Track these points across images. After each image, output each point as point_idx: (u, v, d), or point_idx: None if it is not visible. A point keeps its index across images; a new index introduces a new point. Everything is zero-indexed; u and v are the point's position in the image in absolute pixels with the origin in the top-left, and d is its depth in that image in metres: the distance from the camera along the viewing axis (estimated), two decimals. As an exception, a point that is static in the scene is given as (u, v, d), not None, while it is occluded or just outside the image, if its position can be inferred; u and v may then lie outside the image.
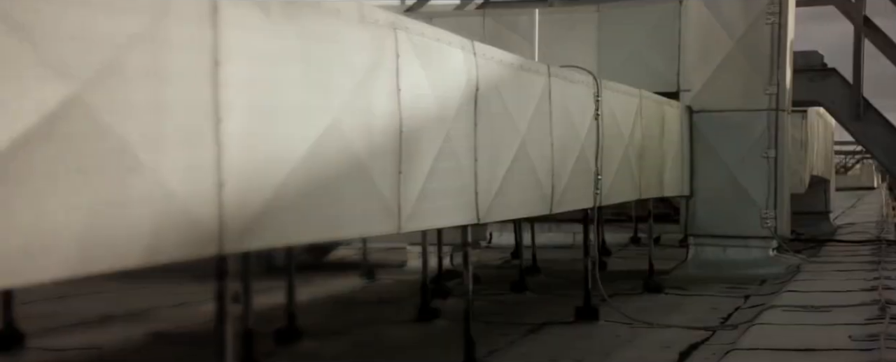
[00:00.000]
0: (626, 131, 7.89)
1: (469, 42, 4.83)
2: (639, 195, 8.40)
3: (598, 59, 10.56)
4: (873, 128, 10.71)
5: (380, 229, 3.89)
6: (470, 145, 4.82)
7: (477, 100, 4.90)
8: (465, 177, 4.76)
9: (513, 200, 5.44)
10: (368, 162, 3.68)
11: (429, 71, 4.27)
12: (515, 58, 5.56)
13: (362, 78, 3.66)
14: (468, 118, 4.80)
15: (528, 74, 5.76)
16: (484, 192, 5.00)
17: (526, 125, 5.63)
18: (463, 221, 4.82)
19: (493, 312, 8.04)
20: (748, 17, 9.99)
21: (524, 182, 5.62)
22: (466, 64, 4.76)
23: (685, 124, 10.12)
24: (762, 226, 9.95)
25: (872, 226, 16.62)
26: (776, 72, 9.93)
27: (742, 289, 8.91)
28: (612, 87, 7.67)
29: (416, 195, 4.16)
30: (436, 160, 4.36)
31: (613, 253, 13.01)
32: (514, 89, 5.51)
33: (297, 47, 3.18)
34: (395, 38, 3.95)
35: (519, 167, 5.49)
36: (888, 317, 5.61)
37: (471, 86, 4.81)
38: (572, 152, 6.55)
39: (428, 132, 4.29)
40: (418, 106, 4.18)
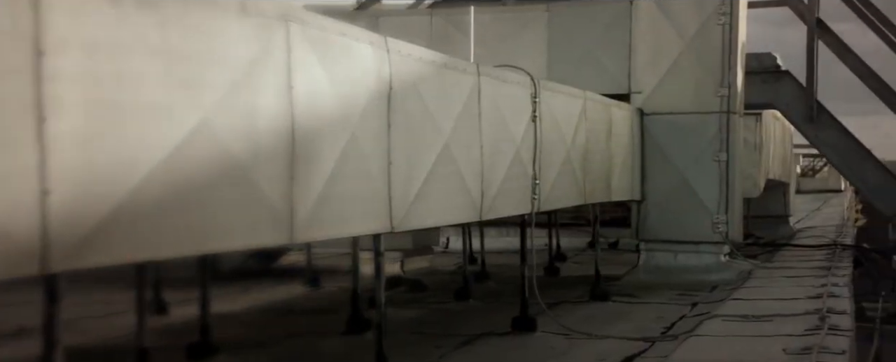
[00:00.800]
0: (568, 134, 7.63)
1: (380, 38, 4.53)
2: (584, 200, 8.14)
3: (548, 59, 10.32)
4: (827, 131, 10.56)
5: (268, 239, 3.57)
6: (382, 147, 4.52)
7: (391, 100, 4.60)
8: (376, 182, 4.45)
9: (435, 206, 5.14)
10: (251, 165, 3.36)
11: (330, 67, 3.96)
12: (438, 55, 5.26)
13: (243, 74, 3.33)
14: (380, 118, 4.49)
15: (454, 73, 5.47)
16: (400, 198, 4.69)
17: (451, 127, 5.33)
18: (375, 229, 4.51)
19: (431, 322, 7.74)
20: (699, 17, 9.79)
21: (448, 186, 5.32)
22: (377, 61, 4.45)
23: (636, 127, 9.89)
24: (714, 231, 9.75)
25: (832, 230, 16.57)
26: (727, 73, 9.74)
27: (691, 296, 8.69)
28: (553, 87, 7.41)
29: (314, 201, 3.85)
30: (339, 163, 4.05)
31: (570, 258, 12.77)
32: (437, 89, 5.21)
33: (156, 39, 2.85)
34: (286, 31, 3.64)
35: (442, 171, 5.19)
36: (826, 328, 5.39)
37: (382, 84, 4.51)
38: (506, 155, 6.27)
39: (329, 133, 3.98)
40: (316, 105, 3.86)
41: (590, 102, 8.23)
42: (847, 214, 22.09)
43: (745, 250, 12.57)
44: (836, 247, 12.01)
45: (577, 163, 7.87)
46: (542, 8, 10.34)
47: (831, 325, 5.55)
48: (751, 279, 9.07)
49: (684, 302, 8.33)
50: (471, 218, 5.75)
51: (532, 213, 6.80)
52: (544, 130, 6.97)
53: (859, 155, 10.47)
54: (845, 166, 10.41)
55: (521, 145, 6.52)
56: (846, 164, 10.40)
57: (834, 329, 5.49)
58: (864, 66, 10.40)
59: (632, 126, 9.71)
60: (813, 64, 10.63)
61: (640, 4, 10.03)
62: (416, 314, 8.16)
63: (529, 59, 10.30)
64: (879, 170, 10.38)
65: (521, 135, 6.54)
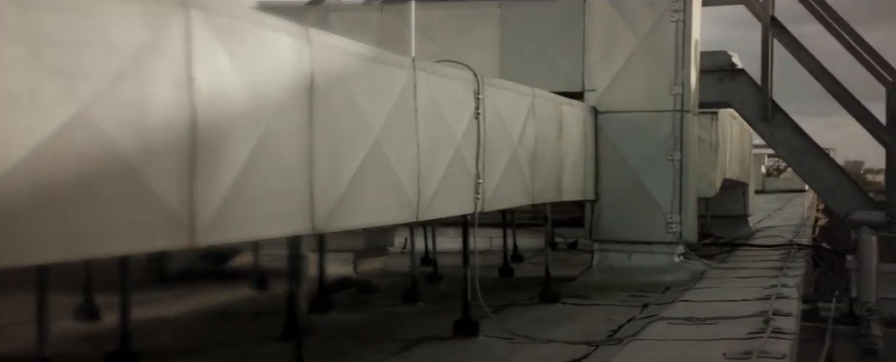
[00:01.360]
0: (515, 132, 7.43)
1: (301, 28, 4.28)
2: (532, 200, 7.96)
3: (500, 57, 10.14)
4: (781, 130, 10.50)
5: (163, 243, 3.31)
6: (303, 144, 4.27)
7: (313, 94, 4.36)
8: (295, 180, 4.21)
9: (365, 206, 4.91)
10: (140, 162, 3.10)
11: (239, 58, 3.71)
12: (369, 49, 5.03)
13: (131, 62, 3.08)
14: (299, 113, 4.25)
15: (387, 68, 5.24)
16: (324, 197, 4.45)
17: (382, 123, 5.10)
18: (294, 230, 4.27)
19: (374, 326, 7.51)
20: (653, 15, 9.67)
21: (380, 185, 5.09)
22: (297, 53, 4.21)
23: (589, 125, 9.74)
24: (667, 231, 9.62)
25: (790, 230, 16.59)
26: (681, 72, 9.62)
27: (644, 297, 8.54)
28: (498, 84, 7.21)
29: (221, 201, 3.60)
30: (250, 160, 3.80)
31: (527, 258, 12.59)
32: (368, 83, 4.98)
33: (17, 21, 2.59)
34: (185, 17, 3.38)
35: (373, 169, 4.96)
36: (769, 332, 5.25)
37: (303, 77, 4.26)
38: (445, 153, 6.05)
39: (238, 128, 3.73)
40: (223, 97, 3.61)
41: (539, 100, 8.05)
42: (807, 214, 22.22)
43: (703, 250, 12.49)
44: (791, 246, 11.96)
45: (525, 161, 7.68)
46: (495, 5, 10.15)
47: (775, 328, 5.41)
48: (703, 280, 8.95)
49: (635, 303, 8.18)
50: (407, 218, 5.53)
51: (475, 214, 6.59)
52: (488, 128, 6.77)
53: (814, 154, 10.41)
54: (800, 165, 10.34)
55: (462, 143, 6.31)
56: (800, 164, 10.34)
57: (777, 332, 5.35)
58: (819, 65, 10.34)
59: (584, 124, 9.55)
60: (768, 63, 10.56)
61: (593, 2, 9.88)
62: (361, 317, 7.92)
63: (482, 56, 10.11)
64: (834, 170, 10.33)
65: (463, 133, 6.33)
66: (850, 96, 10.14)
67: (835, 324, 9.28)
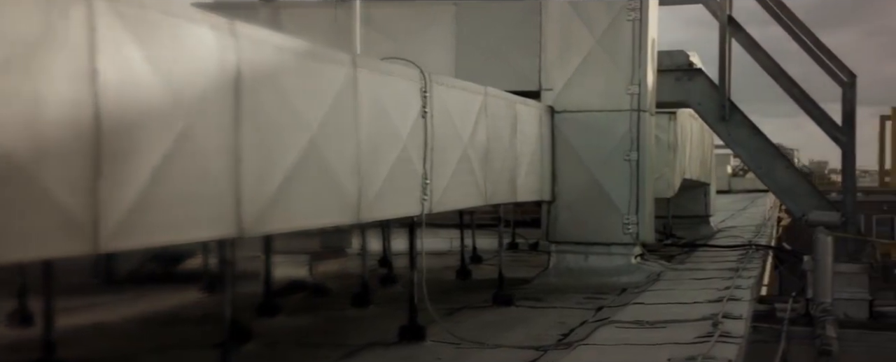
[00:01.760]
0: (466, 131, 7.27)
1: (225, 21, 4.07)
2: (484, 201, 7.79)
3: (456, 55, 9.97)
4: (739, 130, 10.45)
5: (60, 249, 3.09)
6: (227, 143, 4.06)
7: (239, 91, 4.15)
8: (218, 182, 3.99)
9: (299, 207, 4.71)
10: (31, 163, 2.88)
11: (152, 52, 3.50)
12: (303, 44, 4.83)
13: (21, 55, 2.85)
14: (223, 111, 4.04)
15: (323, 64, 5.05)
16: (252, 199, 4.25)
17: (319, 121, 4.90)
18: (217, 234, 4.06)
19: (320, 331, 7.30)
20: (609, 13, 9.56)
21: (316, 186, 4.89)
22: (221, 47, 4.00)
23: (545, 125, 9.60)
24: (624, 232, 9.52)
25: (751, 230, 16.63)
26: (638, 71, 9.52)
27: (599, 300, 8.42)
28: (448, 82, 7.04)
29: (130, 205, 3.38)
30: (166, 161, 3.59)
31: (486, 259, 12.43)
32: (302, 80, 4.78)
33: None
34: (88, 7, 3.16)
35: (308, 169, 4.76)
36: (716, 336, 5.14)
37: (227, 73, 4.05)
38: (389, 153, 5.86)
39: (151, 127, 3.51)
40: (132, 94, 3.40)
41: (491, 99, 7.89)
42: (769, 214, 22.33)
43: (663, 251, 12.44)
44: (750, 247, 11.94)
45: (477, 161, 7.51)
46: (450, 3, 9.98)
47: (723, 332, 5.30)
48: (658, 281, 8.86)
49: (590, 306, 8.05)
50: (347, 219, 5.33)
51: (422, 215, 6.41)
52: (437, 127, 6.59)
53: (771, 155, 10.38)
54: (757, 166, 10.31)
55: (408, 142, 6.13)
56: (758, 164, 10.30)
57: (725, 336, 5.24)
58: (776, 66, 10.31)
59: (540, 124, 9.41)
60: (725, 63, 10.51)
61: (549, 0, 9.75)
62: (308, 322, 7.71)
63: (437, 54, 9.97)
64: (790, 171, 10.31)
65: (409, 132, 6.14)
66: (806, 96, 10.12)
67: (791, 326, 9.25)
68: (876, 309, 9.50)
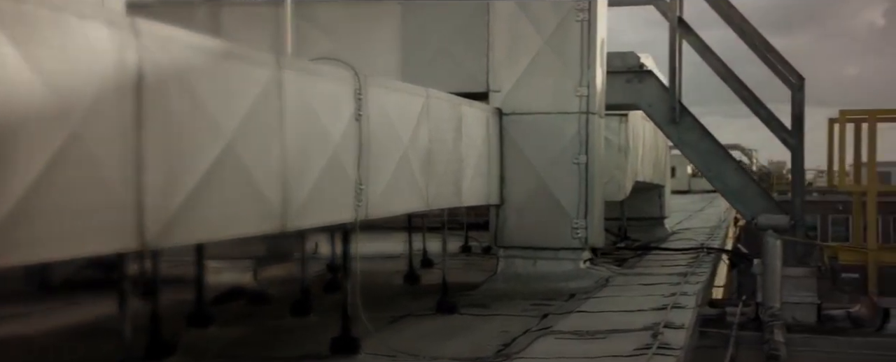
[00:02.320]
0: (405, 134, 7.03)
1: (125, 18, 3.79)
2: (426, 205, 7.57)
3: (402, 56, 9.74)
4: (689, 132, 10.35)
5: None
6: (127, 150, 3.78)
7: (142, 94, 3.87)
8: (116, 191, 3.71)
9: (212, 217, 4.43)
10: None
11: (32, 50, 3.21)
12: (219, 44, 4.56)
13: None
14: (122, 115, 3.76)
15: (243, 65, 4.77)
16: (157, 209, 3.97)
17: (237, 126, 4.63)
18: (114, 247, 3.77)
19: (253, 343, 7.01)
20: (558, 14, 9.39)
21: (233, 194, 4.62)
22: (119, 46, 3.72)
23: (493, 127, 9.40)
24: (572, 236, 9.35)
25: (706, 232, 16.62)
26: (587, 72, 9.36)
27: (546, 306, 8.24)
28: (386, 84, 6.80)
29: (4, 217, 3.09)
30: (49, 169, 3.30)
31: (437, 263, 12.19)
32: (217, 82, 4.51)
33: None
34: (-48, 1, 2.87)
35: (223, 177, 4.49)
36: (655, 347, 4.97)
37: (126, 74, 3.77)
38: (319, 158, 5.61)
39: (30, 131, 3.23)
40: (8, 97, 3.10)
41: (434, 101, 7.67)
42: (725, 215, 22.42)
43: (617, 254, 12.33)
44: (702, 250, 11.87)
45: (418, 165, 7.28)
46: (396, 3, 9.74)
47: (662, 343, 5.14)
48: (606, 287, 8.70)
49: (535, 313, 7.86)
50: (269, 228, 5.06)
51: (356, 221, 6.16)
52: (374, 130, 6.35)
53: (720, 157, 10.30)
54: (707, 168, 10.21)
55: (340, 147, 5.87)
56: (707, 167, 10.21)
57: (664, 347, 5.08)
58: (726, 67, 10.23)
59: (487, 126, 9.21)
60: (675, 65, 10.41)
61: (497, 1, 9.55)
62: (241, 332, 7.41)
63: (383, 55, 9.74)
64: (740, 173, 10.23)
65: (341, 136, 5.89)
66: (755, 98, 10.06)
67: (740, 330, 9.17)
68: (824, 312, 9.45)
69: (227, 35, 9.42)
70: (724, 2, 10.08)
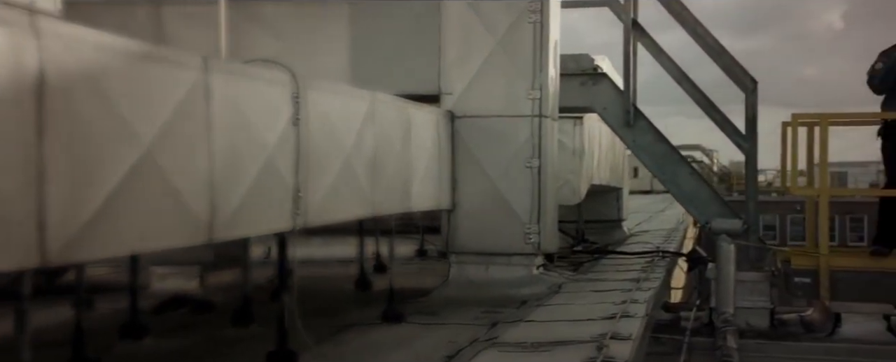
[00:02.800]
0: (348, 139, 6.80)
1: (23, 16, 3.51)
2: (372, 211, 7.34)
3: (351, 58, 9.50)
4: (643, 136, 10.24)
5: None
6: (24, 160, 3.51)
7: (44, 98, 3.60)
8: (11, 203, 3.44)
9: (127, 230, 4.17)
10: None
11: None
12: (137, 45, 4.29)
13: None
14: (21, 122, 3.49)
15: (164, 67, 4.51)
16: (61, 223, 3.70)
17: (156, 132, 4.37)
18: (11, 264, 3.49)
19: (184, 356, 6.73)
20: (510, 15, 9.22)
21: (152, 205, 4.36)
22: (15, 47, 3.45)
23: (444, 130, 9.20)
24: (525, 242, 9.19)
25: (663, 234, 16.59)
26: (539, 75, 9.20)
27: (497, 314, 8.05)
28: (327, 87, 6.56)
29: None
30: (-69, 182, 3.02)
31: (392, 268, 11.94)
32: (134, 86, 4.25)
33: None
34: None
35: (140, 187, 4.23)
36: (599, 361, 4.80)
37: (25, 77, 3.50)
38: (252, 165, 5.36)
39: None
40: None
41: (380, 104, 7.44)
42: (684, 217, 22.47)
43: (573, 258, 12.20)
44: (657, 254, 11.79)
45: (363, 170, 7.05)
46: (344, 3, 9.49)
47: (606, 357, 4.97)
48: (557, 294, 8.54)
49: (484, 322, 7.67)
50: (194, 240, 4.80)
51: (294, 230, 5.92)
52: (314, 135, 6.11)
53: (674, 161, 10.21)
54: (661, 172, 10.11)
55: (276, 153, 5.63)
56: (661, 170, 10.10)
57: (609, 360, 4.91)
58: (679, 70, 10.14)
59: (438, 129, 9.00)
60: (629, 67, 10.30)
61: (448, 1, 9.35)
62: (178, 345, 7.12)
63: (331, 56, 9.50)
64: (694, 177, 10.14)
65: (277, 141, 5.64)
66: (708, 101, 9.98)
67: (693, 336, 9.08)
68: (777, 317, 9.40)
69: (169, 35, 9.12)
70: (678, 4, 9.99)
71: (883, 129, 9.04)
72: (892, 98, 8.90)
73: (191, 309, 8.80)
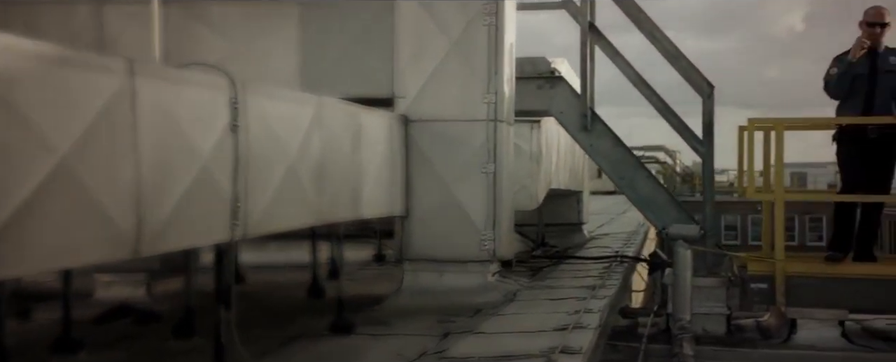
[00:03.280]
0: (293, 145, 6.56)
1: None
2: (319, 219, 7.11)
3: (302, 60, 9.24)
4: (600, 140, 10.12)
5: None
6: (-82, 173, 3.23)
7: (-59, 107, 3.32)
8: None
9: (38, 245, 3.90)
10: None
11: None
12: (51, 48, 4.03)
13: None
14: (-89, 133, 3.21)
15: (83, 73, 4.25)
16: (-38, 240, 3.43)
17: (73, 141, 4.11)
18: None
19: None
20: (464, 17, 9.03)
21: (69, 219, 4.09)
22: None
23: (397, 135, 8.99)
24: (480, 248, 9.01)
25: (623, 238, 16.55)
26: (494, 78, 9.03)
27: (449, 323, 7.86)
28: (269, 92, 6.31)
29: None
30: None
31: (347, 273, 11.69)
32: (48, 92, 3.98)
33: None
34: None
35: (54, 199, 3.96)
36: (543, 380, 4.65)
37: (-83, 85, 3.22)
38: (184, 173, 5.10)
39: None
40: None
41: (327, 108, 7.21)
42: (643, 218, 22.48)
43: (532, 262, 12.06)
44: (616, 259, 11.69)
45: (308, 177, 6.81)
46: (295, 3, 9.23)
47: (552, 374, 4.80)
48: (512, 303, 8.38)
49: (437, 332, 7.47)
50: (118, 255, 4.54)
51: (233, 241, 5.67)
52: (254, 142, 5.87)
53: (631, 165, 10.10)
54: (618, 177, 10.00)
55: (211, 161, 5.37)
56: (619, 175, 9.99)
57: (555, 377, 4.75)
58: (636, 73, 10.04)
59: (390, 134, 8.79)
60: (586, 71, 10.17)
61: (402, 3, 9.15)
62: (116, 359, 6.84)
63: (282, 58, 9.25)
64: (651, 182, 10.05)
65: (212, 149, 5.39)
66: (665, 105, 9.89)
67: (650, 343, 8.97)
68: (734, 322, 9.33)
69: (110, 36, 8.80)
70: (636, 7, 9.89)
71: (837, 134, 9.01)
72: (846, 103, 8.87)
73: (134, 319, 8.49)
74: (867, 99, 8.74)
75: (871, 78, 8.76)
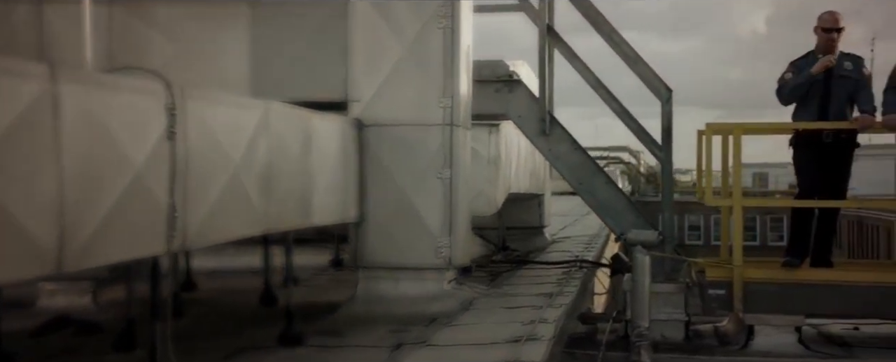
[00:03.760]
0: (236, 152, 6.31)
1: None
2: (265, 228, 6.87)
3: (252, 63, 8.98)
4: (559, 144, 10.00)
5: None
6: None
7: None
8: None
9: (-54, 265, 3.63)
10: None
11: None
12: (-40, 53, 3.76)
13: None
14: None
15: None
16: None
17: (-14, 152, 3.84)
18: None
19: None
20: (419, 20, 8.83)
21: (-19, 235, 3.83)
22: None
23: (350, 139, 8.77)
24: (436, 255, 8.82)
25: (584, 241, 16.47)
26: (450, 82, 8.85)
27: (404, 333, 7.66)
28: (210, 97, 6.07)
29: None
30: None
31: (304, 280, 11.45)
32: (-43, 99, 3.71)
33: None
34: None
35: (-36, 215, 3.69)
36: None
37: None
38: (114, 184, 4.84)
39: None
40: None
41: (274, 113, 6.97)
42: (609, 221, 22.43)
43: (492, 267, 11.91)
44: (576, 264, 11.58)
45: (254, 185, 6.57)
46: (246, 4, 8.97)
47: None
48: (467, 312, 8.20)
49: (390, 343, 7.27)
50: (39, 271, 4.29)
51: (169, 254, 5.43)
52: (193, 150, 5.62)
53: (590, 170, 9.99)
54: (577, 181, 9.88)
55: (145, 170, 5.12)
56: (578, 180, 9.87)
57: (504, 395, 4.58)
58: (593, 75, 9.94)
59: (343, 139, 8.56)
60: (545, 74, 10.04)
61: (356, 4, 8.93)
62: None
63: (232, 61, 8.98)
64: (610, 187, 9.95)
65: (147, 158, 5.14)
66: (624, 109, 9.80)
67: (608, 350, 8.85)
68: (693, 328, 9.26)
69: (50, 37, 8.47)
70: (593, 10, 9.77)
71: (794, 139, 8.97)
72: (801, 108, 8.84)
73: (75, 330, 8.17)
74: (822, 104, 8.72)
75: (826, 83, 8.74)
